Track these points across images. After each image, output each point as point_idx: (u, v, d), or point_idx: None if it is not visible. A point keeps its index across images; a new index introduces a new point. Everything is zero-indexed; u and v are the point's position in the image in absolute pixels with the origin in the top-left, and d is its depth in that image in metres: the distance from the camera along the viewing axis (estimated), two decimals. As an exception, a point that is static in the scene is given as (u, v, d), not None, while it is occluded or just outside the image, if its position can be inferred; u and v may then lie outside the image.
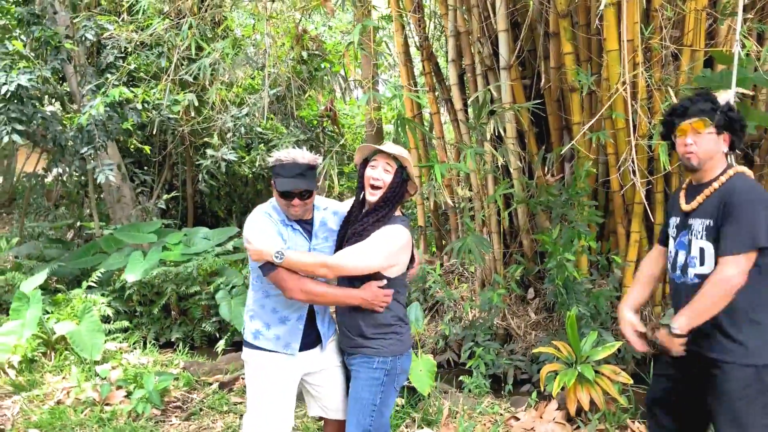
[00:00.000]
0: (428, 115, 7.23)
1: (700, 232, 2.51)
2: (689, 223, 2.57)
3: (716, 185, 2.51)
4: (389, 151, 2.71)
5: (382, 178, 2.71)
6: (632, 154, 3.86)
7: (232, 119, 7.67)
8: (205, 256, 6.70)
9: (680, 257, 2.60)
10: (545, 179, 5.18)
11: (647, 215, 4.70)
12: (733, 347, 2.43)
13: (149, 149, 8.81)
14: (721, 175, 2.52)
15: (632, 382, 4.09)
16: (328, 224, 2.86)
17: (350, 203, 2.93)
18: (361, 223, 2.71)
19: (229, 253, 7.01)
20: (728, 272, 2.35)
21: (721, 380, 2.44)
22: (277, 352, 2.78)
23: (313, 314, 2.83)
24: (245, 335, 2.86)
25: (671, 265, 2.67)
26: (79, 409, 4.58)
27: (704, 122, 2.49)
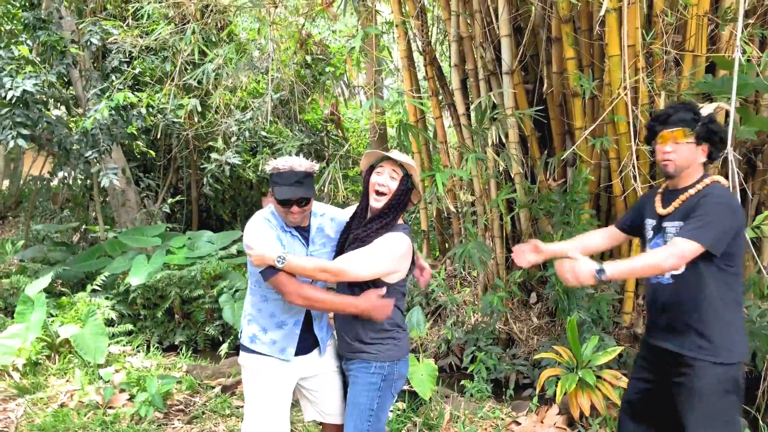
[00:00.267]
0: (432, 119, 7.24)
1: (672, 235, 2.59)
2: (663, 226, 2.65)
3: (692, 192, 2.59)
4: (396, 158, 2.73)
5: (387, 184, 2.73)
6: (633, 159, 3.87)
7: (236, 123, 7.71)
8: (208, 259, 6.73)
9: None
10: (547, 184, 5.19)
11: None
12: (704, 344, 2.52)
13: (154, 153, 8.88)
14: (698, 182, 2.61)
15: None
16: (325, 230, 2.87)
17: (350, 210, 2.94)
18: (364, 229, 2.72)
19: (232, 256, 7.04)
20: (671, 251, 2.44)
21: (692, 378, 2.52)
22: (272, 356, 2.80)
23: (310, 319, 2.85)
24: (242, 339, 2.88)
25: None
26: (82, 412, 4.60)
27: (684, 132, 2.56)
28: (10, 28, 7.03)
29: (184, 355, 5.99)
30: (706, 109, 2.60)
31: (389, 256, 2.65)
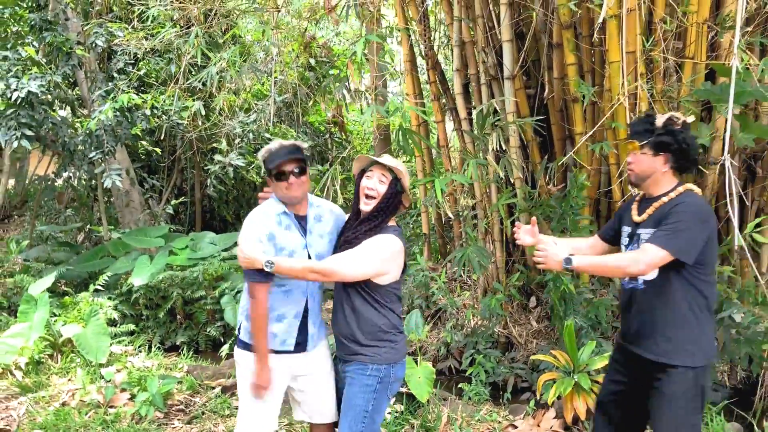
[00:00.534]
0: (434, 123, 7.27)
1: (644, 241, 2.65)
2: (638, 233, 2.72)
3: (665, 200, 2.68)
4: (385, 162, 2.78)
5: (376, 188, 2.78)
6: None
7: (240, 125, 7.76)
8: (210, 260, 6.77)
9: None
10: (547, 189, 5.21)
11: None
12: (673, 349, 2.61)
13: (159, 151, 8.93)
14: (671, 191, 2.69)
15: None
16: (323, 219, 2.92)
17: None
18: (353, 231, 2.78)
19: (235, 258, 7.07)
20: (639, 257, 2.54)
21: (662, 382, 2.61)
22: (272, 351, 2.82)
23: (307, 313, 2.88)
24: (241, 335, 2.91)
25: None
26: (83, 411, 4.65)
27: (637, 144, 2.69)
28: (16, 29, 7.09)
29: (185, 355, 6.03)
30: (658, 119, 2.68)
31: (377, 257, 2.70)
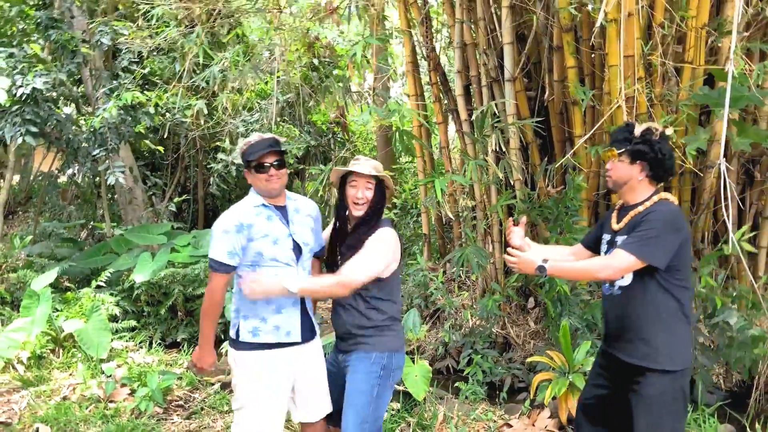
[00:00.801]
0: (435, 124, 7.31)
1: (617, 247, 2.71)
2: (615, 240, 2.77)
3: (641, 208, 2.73)
4: (365, 171, 2.86)
5: (364, 195, 2.88)
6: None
7: (243, 124, 7.80)
8: (212, 258, 6.80)
9: None
10: (546, 190, 5.25)
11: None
12: (650, 354, 2.65)
13: (162, 150, 8.98)
14: (647, 200, 2.74)
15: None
16: (301, 211, 2.98)
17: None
18: (353, 236, 2.89)
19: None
20: (609, 263, 2.62)
21: (643, 386, 2.65)
22: (279, 344, 2.84)
23: (303, 301, 2.91)
24: (241, 337, 2.88)
25: None
26: (84, 405, 4.70)
27: (615, 151, 2.75)
28: (22, 27, 7.15)
29: (185, 351, 6.08)
30: (638, 128, 2.73)
31: (384, 252, 2.83)
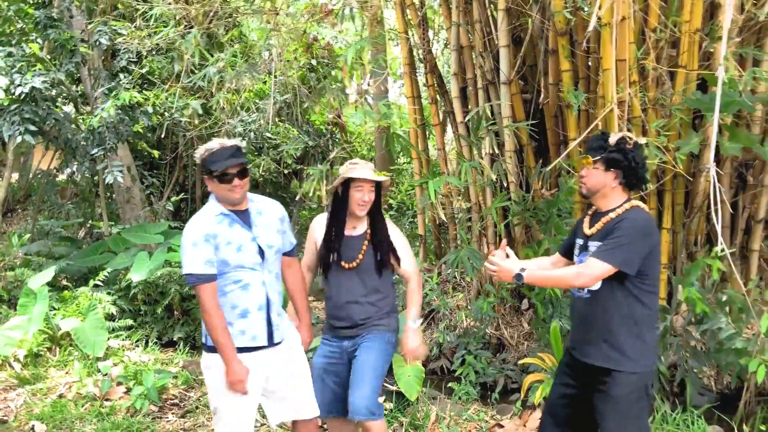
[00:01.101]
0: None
1: (590, 255, 2.77)
2: (588, 245, 2.84)
3: (613, 215, 2.78)
4: (372, 178, 3.14)
5: (370, 198, 3.19)
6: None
7: (241, 124, 7.83)
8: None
9: None
10: (540, 193, 5.29)
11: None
12: (616, 356, 2.72)
13: (160, 152, 9.01)
14: (618, 207, 2.80)
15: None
16: (263, 213, 3.00)
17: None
18: (379, 233, 3.25)
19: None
20: (583, 271, 2.69)
21: (611, 386, 2.72)
22: (245, 349, 2.87)
23: (269, 305, 2.94)
24: (209, 341, 2.89)
25: None
26: (79, 403, 4.74)
27: (590, 159, 2.79)
28: (21, 26, 7.17)
29: (181, 350, 6.11)
30: (612, 137, 2.78)
31: (404, 238, 3.37)
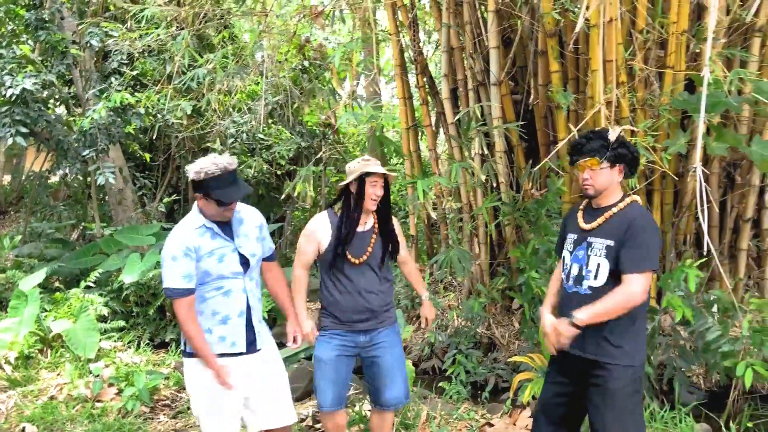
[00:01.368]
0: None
1: (600, 250, 2.78)
2: (589, 240, 2.83)
3: (615, 210, 2.80)
4: (384, 172, 3.24)
5: (381, 192, 3.25)
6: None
7: (234, 125, 7.85)
8: (201, 259, 6.83)
9: (574, 269, 2.88)
10: (530, 193, 5.31)
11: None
12: (615, 352, 2.74)
13: (152, 154, 9.01)
14: (619, 201, 2.82)
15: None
16: (246, 222, 3.01)
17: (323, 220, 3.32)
18: (388, 226, 3.36)
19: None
20: (635, 288, 2.66)
21: (607, 380, 2.74)
22: (224, 354, 2.88)
23: (250, 312, 2.96)
24: (189, 348, 2.90)
25: (565, 275, 2.94)
26: (70, 404, 4.74)
27: (597, 160, 2.78)
28: (12, 28, 7.17)
29: (173, 352, 6.11)
30: (612, 134, 2.80)
31: (399, 224, 3.56)
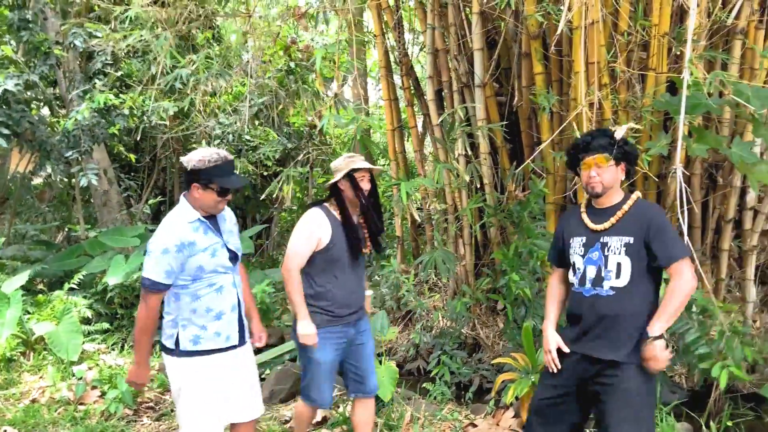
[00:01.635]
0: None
1: (618, 248, 2.76)
2: (603, 241, 2.81)
3: (626, 208, 2.81)
4: (372, 167, 3.39)
5: (368, 186, 3.38)
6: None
7: (220, 126, 7.82)
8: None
9: (590, 272, 2.83)
10: (515, 194, 5.33)
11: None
12: (634, 350, 2.72)
13: (138, 155, 8.97)
14: (626, 199, 2.84)
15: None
16: (227, 219, 3.07)
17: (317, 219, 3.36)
18: (378, 217, 3.46)
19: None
20: (687, 276, 2.67)
21: (621, 380, 2.70)
22: (219, 350, 2.92)
23: (239, 305, 3.03)
24: (181, 346, 2.90)
25: (579, 280, 2.88)
26: (53, 407, 4.70)
27: (605, 157, 2.79)
28: (-7, 28, 7.12)
29: (158, 354, 6.07)
30: (618, 132, 2.81)
31: None
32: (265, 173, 9.71)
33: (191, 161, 2.81)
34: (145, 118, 7.52)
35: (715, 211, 5.40)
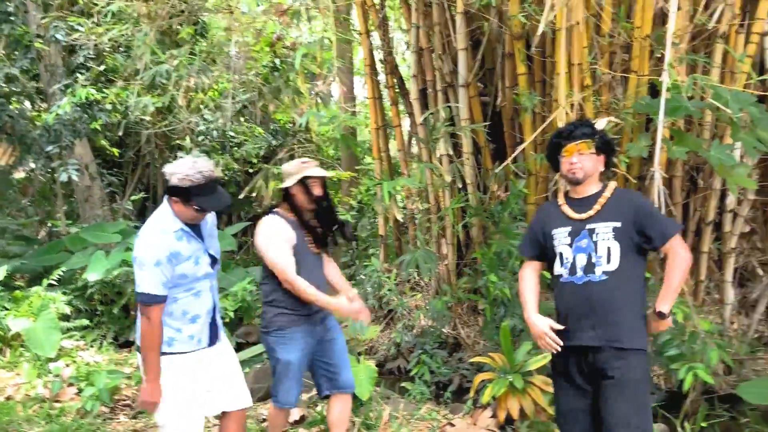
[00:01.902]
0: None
1: (606, 233, 2.77)
2: (590, 227, 2.81)
3: (607, 195, 2.84)
4: (324, 174, 3.36)
5: (320, 192, 3.35)
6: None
7: (203, 122, 7.78)
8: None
9: (580, 260, 2.80)
10: (497, 195, 5.34)
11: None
12: (633, 335, 2.72)
13: (120, 150, 8.90)
14: (605, 188, 2.88)
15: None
16: (209, 222, 3.05)
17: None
18: (332, 217, 3.45)
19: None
20: (683, 250, 2.75)
21: (623, 370, 2.67)
22: (191, 351, 2.92)
23: (214, 309, 3.03)
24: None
25: (568, 270, 2.83)
26: (28, 405, 4.65)
27: (587, 144, 2.82)
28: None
29: (133, 352, 6.04)
30: (599, 123, 2.82)
31: None
32: (250, 170, 9.67)
33: (173, 176, 2.74)
34: (128, 113, 7.48)
35: (695, 213, 5.42)
